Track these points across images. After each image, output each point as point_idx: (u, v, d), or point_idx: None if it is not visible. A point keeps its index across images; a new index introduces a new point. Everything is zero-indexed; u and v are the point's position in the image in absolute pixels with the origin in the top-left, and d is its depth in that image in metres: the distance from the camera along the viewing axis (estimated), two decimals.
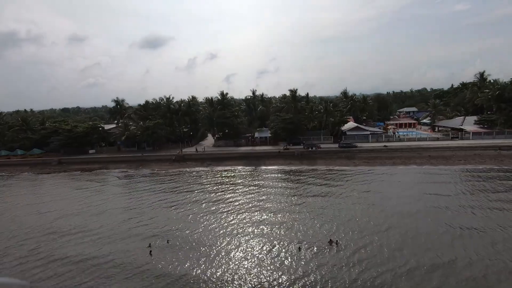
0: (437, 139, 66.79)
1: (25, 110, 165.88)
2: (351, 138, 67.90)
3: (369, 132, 69.41)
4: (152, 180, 48.90)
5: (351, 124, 75.39)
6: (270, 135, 72.38)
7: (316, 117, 71.32)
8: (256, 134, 75.29)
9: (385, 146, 61.85)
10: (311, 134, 70.98)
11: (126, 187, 45.84)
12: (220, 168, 55.42)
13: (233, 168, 55.08)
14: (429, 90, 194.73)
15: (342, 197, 34.96)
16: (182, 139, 76.53)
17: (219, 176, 49.26)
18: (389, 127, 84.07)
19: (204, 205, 35.00)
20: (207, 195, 38.62)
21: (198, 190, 41.42)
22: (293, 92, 74.55)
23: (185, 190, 41.71)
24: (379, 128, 79.78)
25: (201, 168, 55.98)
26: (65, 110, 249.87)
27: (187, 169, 55.59)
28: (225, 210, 32.88)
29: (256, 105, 78.25)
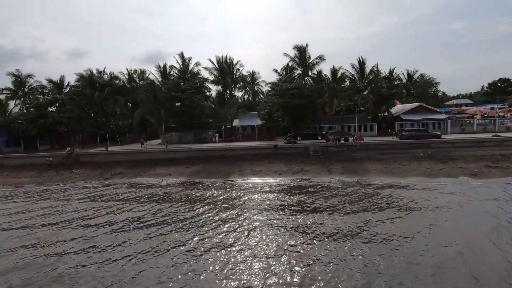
0: None
1: None
2: (411, 125, 35.69)
3: (446, 116, 37.30)
4: None
5: (405, 105, 43.38)
6: (260, 122, 40.14)
7: (344, 91, 39.56)
8: (236, 122, 42.59)
9: (496, 135, 30.00)
10: (335, 121, 39.00)
11: None
12: (133, 182, 23.12)
13: (165, 183, 22.75)
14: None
15: None
16: (115, 133, 44.48)
17: (117, 208, 16.82)
18: (475, 111, 51.99)
19: None
20: None
21: None
22: (302, 49, 42.49)
23: None
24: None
25: (90, 183, 23.65)
26: None
27: (53, 187, 23.26)
28: None
29: (235, 72, 45.54)
